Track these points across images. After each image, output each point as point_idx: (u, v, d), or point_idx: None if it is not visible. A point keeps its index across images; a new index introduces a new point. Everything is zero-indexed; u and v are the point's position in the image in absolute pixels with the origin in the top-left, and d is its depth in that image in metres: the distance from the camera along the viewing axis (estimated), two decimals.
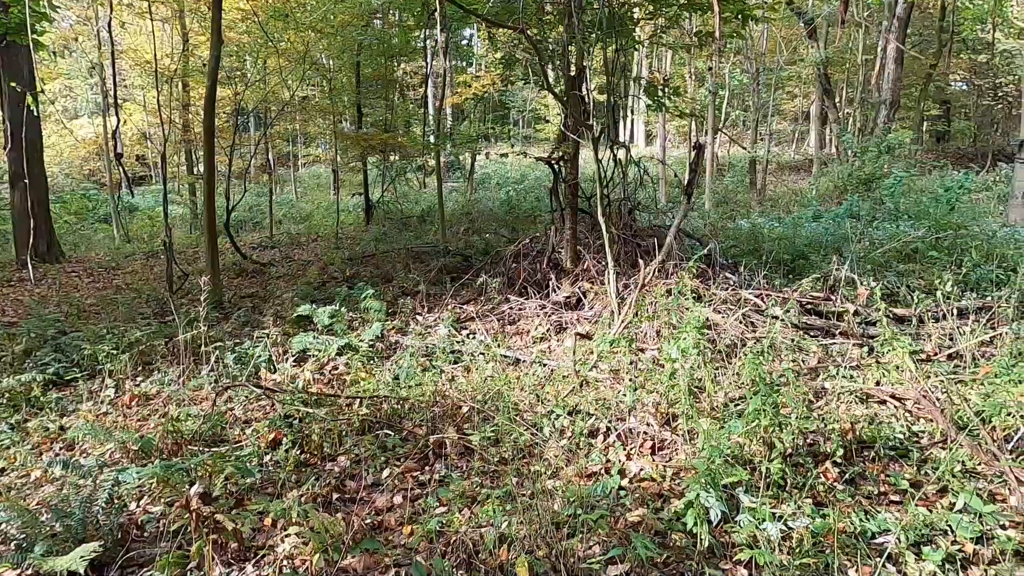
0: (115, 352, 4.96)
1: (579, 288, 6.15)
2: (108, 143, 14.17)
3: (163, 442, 3.55)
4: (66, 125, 18.49)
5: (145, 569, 2.64)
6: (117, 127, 8.97)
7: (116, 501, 2.93)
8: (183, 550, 2.61)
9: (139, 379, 4.85)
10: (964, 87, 24.17)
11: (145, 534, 2.92)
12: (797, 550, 2.47)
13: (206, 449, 3.56)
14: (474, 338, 5.50)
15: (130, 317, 6.58)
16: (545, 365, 4.69)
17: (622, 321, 4.96)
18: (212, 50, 6.68)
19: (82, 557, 2.31)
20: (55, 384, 4.85)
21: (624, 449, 3.43)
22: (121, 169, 9.30)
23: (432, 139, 11.99)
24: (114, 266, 10.00)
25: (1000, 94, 21.45)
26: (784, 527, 2.54)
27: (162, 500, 3.05)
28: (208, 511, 2.44)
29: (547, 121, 29.03)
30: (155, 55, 8.78)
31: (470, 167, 17.07)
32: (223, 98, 11.94)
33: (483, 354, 4.96)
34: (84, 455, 3.74)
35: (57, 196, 16.96)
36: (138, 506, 3.15)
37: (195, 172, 13.78)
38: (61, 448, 3.91)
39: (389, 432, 3.72)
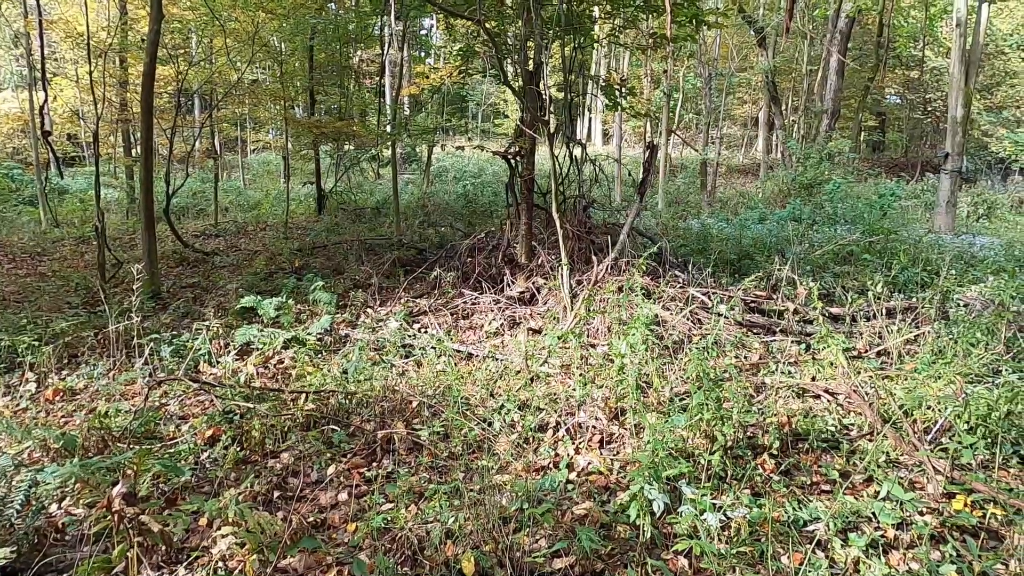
0: (37, 343, 4.62)
1: (533, 283, 6.17)
2: (35, 119, 13.17)
3: (88, 439, 3.34)
4: None
5: (64, 575, 2.47)
6: (45, 103, 8.34)
7: (33, 503, 2.73)
8: (107, 554, 2.46)
9: (64, 373, 4.54)
10: (898, 101, 25.71)
11: (66, 538, 2.74)
12: (735, 539, 2.56)
13: (136, 446, 3.37)
14: (426, 332, 5.43)
15: (56, 306, 6.15)
16: (498, 360, 4.68)
17: (574, 317, 5.01)
18: (151, 24, 6.30)
19: None
20: None
21: (573, 443, 3.47)
22: (49, 148, 8.66)
23: (388, 129, 11.75)
24: (40, 252, 9.32)
25: (929, 109, 22.93)
26: (723, 517, 2.63)
27: (83, 501, 2.86)
28: (133, 512, 2.30)
29: (505, 116, 29.02)
30: (88, 27, 8.20)
31: (427, 159, 16.85)
32: (164, 76, 11.31)
33: (435, 348, 4.91)
34: None
35: None
36: (59, 508, 2.95)
37: (132, 154, 13.01)
38: None
39: (336, 427, 3.62)
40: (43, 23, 9.10)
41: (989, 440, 3.13)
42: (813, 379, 4.10)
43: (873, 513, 2.68)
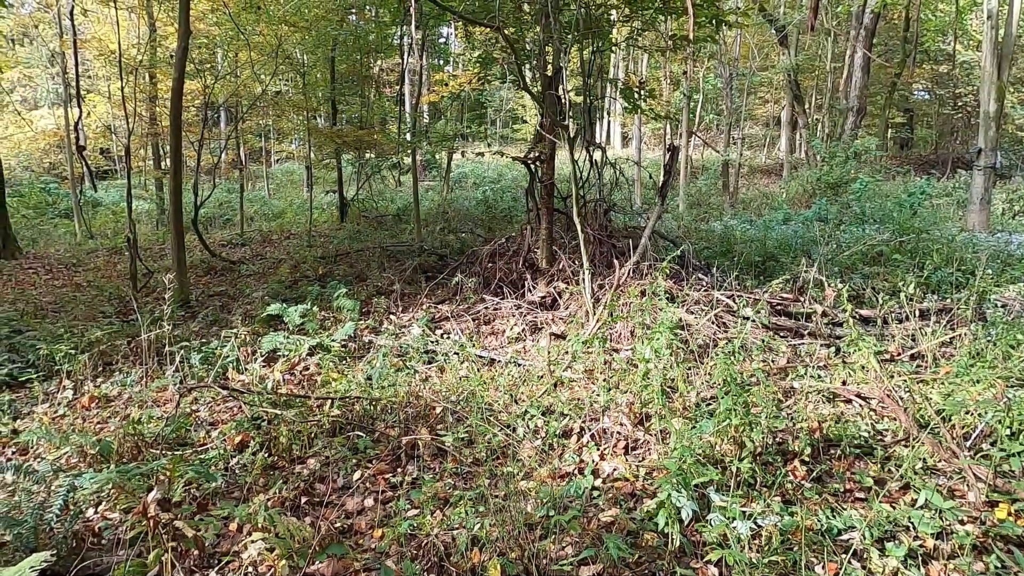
0: (73, 352, 4.77)
1: (554, 288, 6.15)
2: (70, 135, 13.65)
3: (123, 446, 3.42)
4: (23, 116, 17.74)
5: None
6: (79, 119, 8.65)
7: (71, 508, 2.81)
8: (142, 558, 2.51)
9: (99, 380, 4.67)
10: (926, 96, 25.04)
11: (103, 542, 2.80)
12: (766, 548, 2.50)
13: (168, 452, 3.44)
14: (448, 338, 5.45)
15: (91, 316, 6.34)
16: (520, 365, 4.67)
17: (597, 321, 4.98)
18: (180, 41, 6.48)
19: (32, 567, 2.19)
20: (8, 386, 4.64)
21: (598, 449, 3.43)
22: (83, 162, 8.98)
23: (408, 137, 11.88)
24: (75, 263, 9.63)
25: (960, 104, 22.28)
26: (754, 525, 2.57)
27: (119, 506, 2.93)
28: (167, 517, 2.35)
29: (524, 121, 29.08)
30: (120, 45, 8.48)
31: (446, 166, 16.98)
32: (192, 91, 11.62)
33: (457, 354, 4.92)
34: (38, 459, 3.57)
35: (14, 189, 16.29)
36: (96, 512, 3.02)
37: (162, 167, 13.38)
38: (13, 452, 3.74)
39: (361, 433, 3.65)
40: (77, 42, 9.44)
41: None
42: (844, 383, 4.00)
43: (911, 522, 2.59)
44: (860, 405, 3.69)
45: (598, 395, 3.91)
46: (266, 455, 3.45)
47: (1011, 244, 7.94)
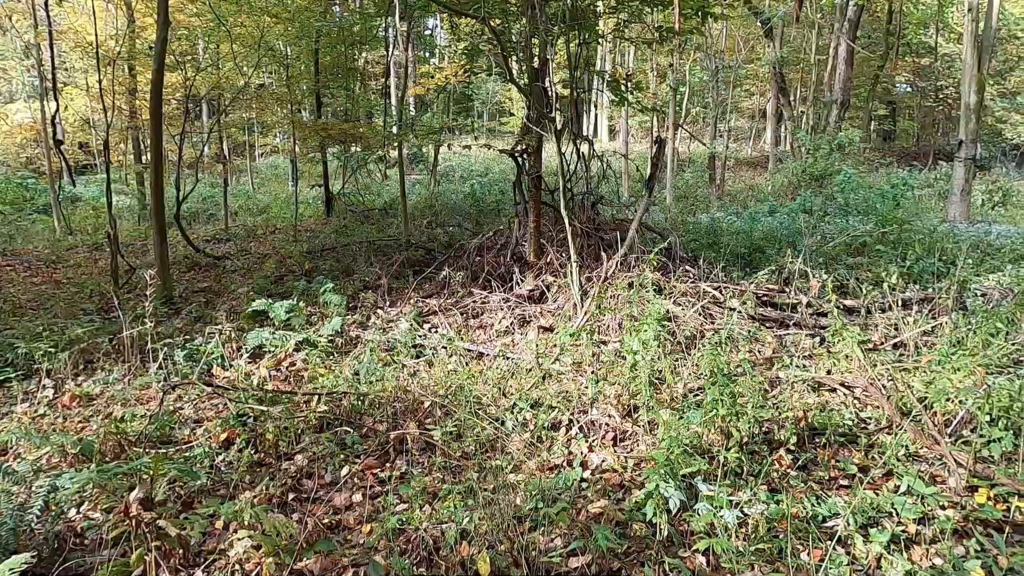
0: (54, 350, 4.67)
1: (543, 281, 6.15)
2: (47, 129, 13.34)
3: (105, 445, 3.37)
4: None
5: None
6: (57, 112, 8.44)
7: (53, 508, 2.76)
8: (125, 558, 2.48)
9: (80, 378, 4.59)
10: (909, 89, 25.34)
11: (85, 542, 2.76)
12: (753, 536, 2.53)
13: (152, 451, 3.39)
14: (437, 332, 5.43)
15: (71, 313, 6.22)
16: (508, 358, 4.67)
17: (585, 314, 4.99)
18: (159, 32, 6.35)
19: (12, 569, 2.16)
20: None
21: (586, 441, 3.45)
22: (61, 157, 8.76)
23: (394, 130, 11.77)
24: (54, 259, 9.44)
25: (941, 96, 22.59)
26: (741, 514, 2.60)
27: (101, 506, 2.89)
28: (150, 516, 2.32)
29: (511, 114, 28.98)
30: (97, 36, 8.28)
31: (433, 159, 16.87)
32: (172, 83, 11.41)
33: (445, 348, 4.90)
34: (18, 460, 3.50)
35: None
36: (78, 512, 2.98)
37: (143, 161, 13.14)
38: None
39: (348, 429, 3.63)
40: (53, 33, 9.21)
41: (1012, 432, 3.07)
42: (828, 372, 4.05)
43: (894, 508, 2.63)
44: (844, 394, 3.74)
45: (586, 387, 3.92)
46: (252, 452, 3.42)
47: (991, 234, 8.08)
